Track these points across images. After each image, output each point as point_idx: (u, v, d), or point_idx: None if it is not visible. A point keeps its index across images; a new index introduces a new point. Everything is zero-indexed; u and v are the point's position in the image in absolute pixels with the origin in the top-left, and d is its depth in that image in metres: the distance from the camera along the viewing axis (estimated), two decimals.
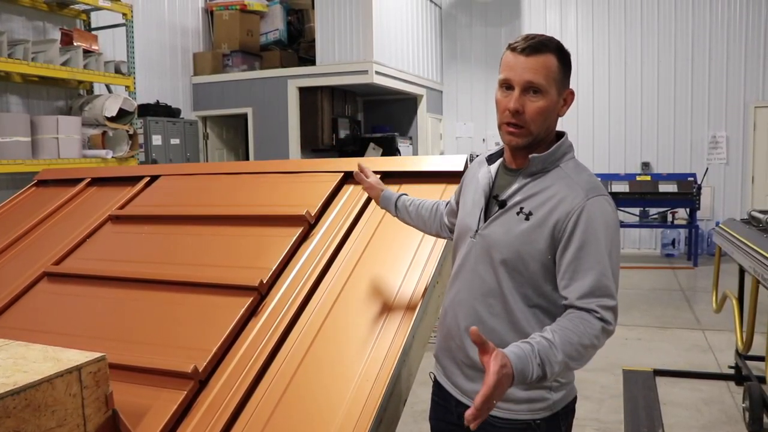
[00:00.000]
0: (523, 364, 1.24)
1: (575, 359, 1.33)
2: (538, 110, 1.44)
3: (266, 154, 7.68)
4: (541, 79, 1.43)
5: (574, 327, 1.34)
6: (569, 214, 1.40)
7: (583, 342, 1.33)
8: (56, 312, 2.19)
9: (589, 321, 1.35)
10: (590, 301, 1.36)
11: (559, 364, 1.29)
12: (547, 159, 1.48)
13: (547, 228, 1.42)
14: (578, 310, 1.37)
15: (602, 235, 1.39)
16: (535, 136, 1.47)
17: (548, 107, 1.45)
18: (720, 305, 4.40)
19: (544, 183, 1.47)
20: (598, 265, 1.38)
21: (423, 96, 9.23)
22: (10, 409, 1.17)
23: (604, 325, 1.36)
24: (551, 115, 1.47)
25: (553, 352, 1.28)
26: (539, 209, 1.44)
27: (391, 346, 1.74)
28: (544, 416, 1.50)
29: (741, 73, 8.88)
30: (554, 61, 1.44)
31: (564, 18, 9.58)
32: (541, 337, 1.31)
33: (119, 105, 5.76)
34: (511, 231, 1.46)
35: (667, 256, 9.19)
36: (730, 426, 3.62)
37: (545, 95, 1.44)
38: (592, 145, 9.43)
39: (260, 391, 1.71)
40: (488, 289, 1.49)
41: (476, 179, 1.62)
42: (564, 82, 1.47)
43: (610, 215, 1.43)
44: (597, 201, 1.42)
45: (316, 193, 2.41)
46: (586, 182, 1.45)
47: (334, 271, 2.07)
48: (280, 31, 8.22)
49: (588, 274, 1.38)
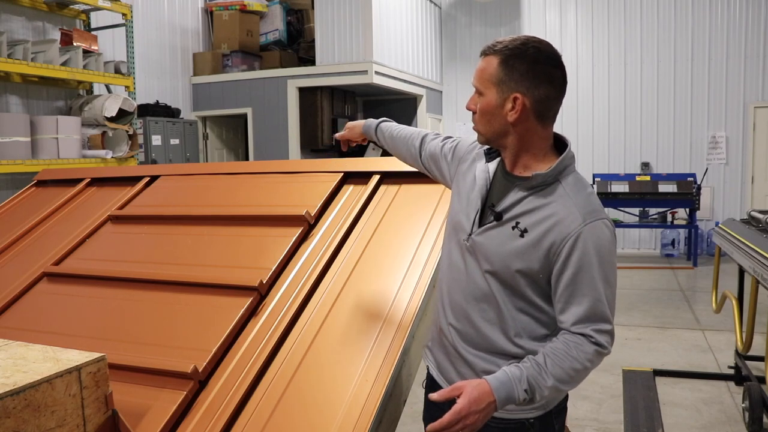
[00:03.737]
0: (507, 390, 1.33)
1: (566, 382, 1.38)
2: (479, 111, 1.49)
3: (266, 154, 7.69)
4: (476, 80, 1.48)
5: (567, 351, 1.37)
6: (565, 238, 1.39)
7: (575, 366, 1.37)
8: (56, 312, 2.19)
9: (582, 345, 1.38)
10: (585, 326, 1.39)
11: (549, 389, 1.35)
12: (548, 175, 1.45)
13: (542, 249, 1.41)
14: (573, 335, 1.39)
15: (597, 261, 1.39)
16: (485, 137, 1.51)
17: (485, 109, 1.47)
18: (720, 305, 4.40)
19: (542, 200, 1.44)
20: (594, 291, 1.38)
21: (423, 96, 9.23)
22: (9, 410, 1.17)
23: (599, 348, 1.39)
24: (494, 117, 1.46)
25: (542, 377, 1.35)
26: (535, 228, 1.42)
27: (391, 346, 1.74)
28: (538, 415, 1.51)
29: (740, 73, 8.89)
30: (494, 63, 1.44)
31: (563, 18, 9.58)
32: (532, 362, 1.36)
33: (119, 105, 5.76)
34: (504, 245, 1.45)
35: (667, 257, 9.20)
36: (729, 426, 3.62)
37: (483, 97, 1.47)
38: (591, 145, 9.44)
39: (260, 392, 1.71)
40: (482, 294, 1.49)
41: (472, 174, 1.60)
42: (508, 85, 1.43)
43: (607, 240, 1.41)
44: (595, 226, 1.40)
45: (316, 193, 2.41)
46: (585, 204, 1.43)
47: (334, 271, 2.07)
48: (280, 31, 8.23)
49: (583, 300, 1.39)
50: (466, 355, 1.53)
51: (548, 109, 1.46)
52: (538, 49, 1.43)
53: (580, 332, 1.38)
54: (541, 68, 1.42)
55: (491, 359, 1.49)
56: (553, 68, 1.44)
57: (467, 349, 1.53)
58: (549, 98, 1.44)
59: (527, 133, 1.47)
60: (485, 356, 1.50)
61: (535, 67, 1.41)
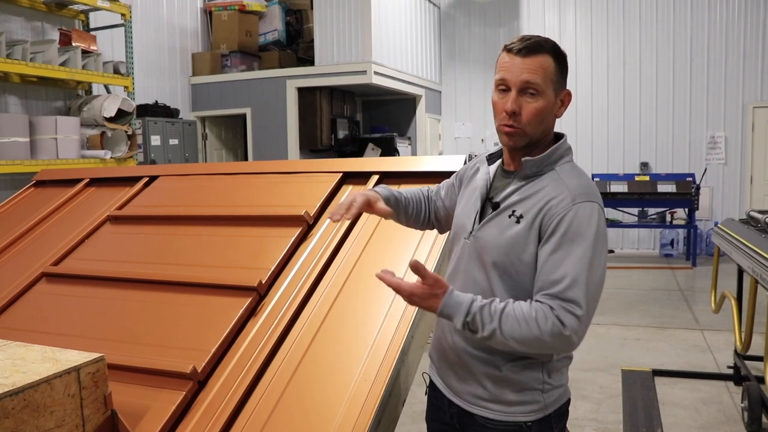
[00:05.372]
0: (452, 311, 1.37)
1: (514, 339, 1.35)
2: (534, 111, 1.43)
3: (265, 154, 7.68)
4: (538, 79, 1.41)
5: (527, 312, 1.35)
6: (553, 216, 1.39)
7: (528, 330, 1.33)
8: (55, 312, 2.19)
9: (543, 314, 1.34)
10: (552, 299, 1.35)
11: (490, 331, 1.35)
12: (542, 162, 1.46)
13: (534, 230, 1.42)
14: (540, 303, 1.36)
15: (580, 242, 1.37)
16: (531, 138, 1.46)
17: (545, 108, 1.44)
18: (719, 305, 4.40)
19: (537, 186, 1.45)
20: (572, 270, 1.35)
21: (422, 96, 9.23)
22: (8, 410, 1.16)
23: (558, 325, 1.32)
24: (548, 116, 1.47)
25: (491, 318, 1.35)
26: (528, 212, 1.43)
27: (390, 346, 1.74)
28: (536, 418, 1.49)
29: (739, 73, 8.89)
30: (551, 62, 1.43)
31: (563, 18, 9.58)
32: (492, 305, 1.37)
33: (118, 105, 5.76)
34: (502, 233, 1.45)
35: (666, 257, 9.20)
36: (728, 426, 3.63)
37: (542, 96, 1.43)
38: (590, 145, 9.44)
39: (259, 392, 1.71)
40: (481, 290, 1.48)
41: (475, 179, 1.61)
42: (561, 83, 1.47)
43: (594, 222, 1.39)
44: (584, 207, 1.39)
45: (315, 193, 2.41)
46: (577, 186, 1.43)
47: (333, 271, 2.07)
48: (279, 31, 8.22)
49: (559, 276, 1.36)
50: (465, 357, 1.53)
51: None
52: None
53: (546, 303, 1.35)
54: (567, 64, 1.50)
55: (491, 359, 1.49)
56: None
57: (467, 350, 1.52)
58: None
59: (550, 128, 1.51)
60: (485, 356, 1.50)
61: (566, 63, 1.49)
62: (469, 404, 1.53)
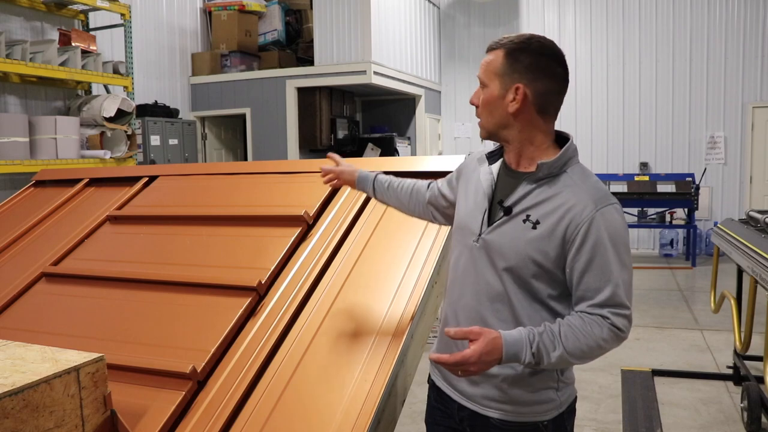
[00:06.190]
0: (516, 350, 1.35)
1: (577, 356, 1.38)
2: (482, 102, 1.51)
3: (264, 154, 7.68)
4: (481, 73, 1.51)
5: (582, 326, 1.38)
6: (579, 225, 1.40)
7: (588, 343, 1.37)
8: (54, 312, 2.19)
9: (598, 324, 1.38)
10: (602, 309, 1.39)
11: (557, 357, 1.36)
12: (553, 165, 1.46)
13: (555, 239, 1.41)
14: (590, 315, 1.39)
15: (611, 246, 1.40)
16: (487, 130, 1.53)
17: (488, 99, 1.49)
18: (718, 305, 4.40)
19: (551, 190, 1.45)
20: (610, 277, 1.39)
21: (421, 96, 9.23)
22: (8, 410, 1.16)
23: (615, 329, 1.38)
24: (496, 108, 1.49)
25: (553, 345, 1.36)
26: (547, 218, 1.43)
27: (389, 346, 1.74)
28: (552, 417, 1.50)
29: (739, 73, 8.90)
30: (499, 57, 1.47)
31: (562, 18, 9.59)
32: (547, 329, 1.37)
33: (117, 105, 5.75)
34: (518, 239, 1.45)
35: (666, 257, 9.20)
36: (728, 426, 3.63)
37: (486, 88, 1.50)
38: (590, 145, 9.44)
39: (259, 392, 1.71)
40: (495, 293, 1.48)
41: (476, 177, 1.60)
42: (511, 77, 1.45)
43: (620, 225, 1.43)
44: (606, 211, 1.42)
45: (315, 193, 2.41)
46: (595, 190, 1.44)
47: (333, 271, 2.07)
48: (279, 31, 8.22)
49: (599, 287, 1.39)
50: None
51: (549, 103, 1.48)
52: (541, 44, 1.46)
53: (597, 313, 1.39)
54: (544, 62, 1.45)
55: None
56: (556, 64, 1.47)
57: None
58: (550, 92, 1.47)
59: (528, 126, 1.48)
60: None
61: (538, 60, 1.45)
62: (483, 407, 1.53)
